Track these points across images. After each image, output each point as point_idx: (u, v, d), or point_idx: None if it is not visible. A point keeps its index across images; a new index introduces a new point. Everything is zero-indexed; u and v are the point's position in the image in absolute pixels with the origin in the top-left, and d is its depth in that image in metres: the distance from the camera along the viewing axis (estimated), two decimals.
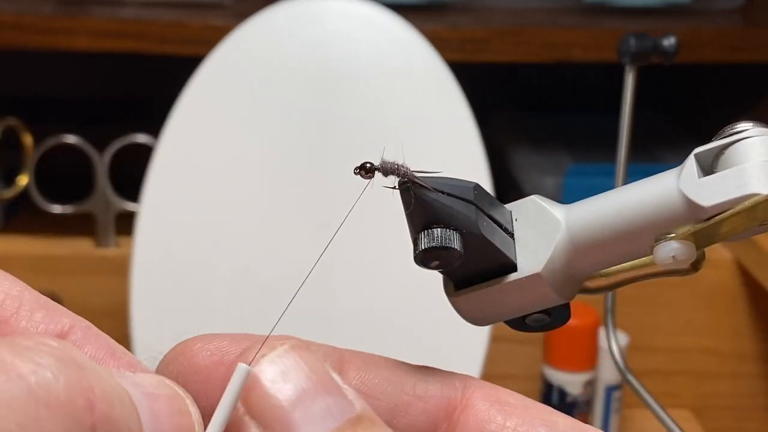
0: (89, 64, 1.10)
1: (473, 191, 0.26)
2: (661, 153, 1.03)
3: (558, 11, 0.99)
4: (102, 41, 0.90)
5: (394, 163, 0.26)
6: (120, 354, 0.25)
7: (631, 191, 0.26)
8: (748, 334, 0.97)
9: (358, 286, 0.78)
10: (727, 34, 0.95)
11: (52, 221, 0.97)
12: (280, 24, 0.81)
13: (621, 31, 0.67)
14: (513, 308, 0.28)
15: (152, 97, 0.90)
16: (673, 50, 0.57)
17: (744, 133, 0.25)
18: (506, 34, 0.92)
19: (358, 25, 0.82)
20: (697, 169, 0.25)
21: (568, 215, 0.27)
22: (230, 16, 0.90)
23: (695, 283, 0.96)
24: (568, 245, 0.26)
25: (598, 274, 0.28)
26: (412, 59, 0.82)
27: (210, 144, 0.81)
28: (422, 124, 0.81)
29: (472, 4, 0.99)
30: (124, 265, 0.81)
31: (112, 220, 0.95)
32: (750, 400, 0.98)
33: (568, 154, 1.03)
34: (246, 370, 0.24)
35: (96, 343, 0.25)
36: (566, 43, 0.92)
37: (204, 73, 0.80)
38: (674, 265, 0.26)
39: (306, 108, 0.81)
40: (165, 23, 0.90)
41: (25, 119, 0.94)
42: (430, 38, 0.82)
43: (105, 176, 0.94)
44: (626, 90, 0.58)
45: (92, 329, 0.25)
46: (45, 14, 0.90)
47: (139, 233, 0.80)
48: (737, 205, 0.24)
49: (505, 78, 1.14)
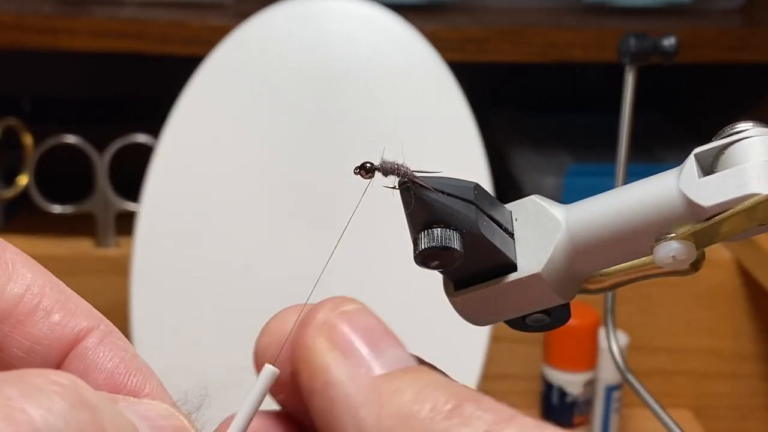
0: (89, 64, 1.10)
1: (473, 191, 0.26)
2: (661, 153, 1.03)
3: (558, 11, 0.99)
4: (102, 41, 0.90)
5: (394, 163, 0.26)
6: (132, 366, 0.25)
7: (631, 191, 0.26)
8: (748, 334, 0.97)
9: (358, 286, 0.78)
10: (727, 34, 0.95)
11: (52, 221, 0.97)
12: (280, 24, 0.81)
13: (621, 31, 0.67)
14: (513, 308, 0.28)
15: (152, 97, 0.90)
16: (673, 50, 0.57)
17: (744, 133, 0.25)
18: (506, 34, 0.92)
19: (358, 25, 0.82)
20: (697, 169, 0.25)
21: (568, 215, 0.27)
22: (230, 16, 0.90)
23: (695, 283, 0.96)
24: (568, 245, 0.26)
25: (598, 274, 0.28)
26: (412, 59, 0.82)
27: (210, 144, 0.81)
28: (422, 124, 0.81)
29: (472, 4, 0.99)
30: (124, 265, 0.81)
31: (112, 220, 0.95)
32: (750, 400, 0.98)
33: (568, 154, 1.03)
34: (272, 371, 0.24)
35: (111, 352, 0.25)
36: (566, 43, 0.92)
37: (204, 73, 0.80)
38: (674, 265, 0.26)
39: (306, 108, 0.81)
40: (165, 23, 0.90)
41: (25, 119, 0.94)
42: (430, 38, 0.82)
43: (105, 176, 0.94)
44: (626, 90, 0.58)
45: (112, 335, 0.25)
46: (45, 14, 0.90)
47: (139, 233, 0.80)
48: (737, 205, 0.24)
49: (505, 78, 1.14)
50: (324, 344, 0.23)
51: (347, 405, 0.22)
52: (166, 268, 0.80)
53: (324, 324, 0.24)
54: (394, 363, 0.23)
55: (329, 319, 0.24)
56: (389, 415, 0.22)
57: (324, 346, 0.23)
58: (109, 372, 0.25)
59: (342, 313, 0.24)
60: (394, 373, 0.23)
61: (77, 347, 0.25)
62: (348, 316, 0.24)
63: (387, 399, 0.22)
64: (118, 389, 0.24)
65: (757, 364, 0.97)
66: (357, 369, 0.23)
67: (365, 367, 0.23)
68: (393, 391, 0.22)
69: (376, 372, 0.23)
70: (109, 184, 0.94)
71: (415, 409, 0.22)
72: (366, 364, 0.23)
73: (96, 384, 0.24)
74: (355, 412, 0.22)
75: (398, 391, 0.22)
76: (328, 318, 0.24)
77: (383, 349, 0.23)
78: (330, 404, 0.23)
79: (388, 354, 0.23)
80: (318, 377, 0.23)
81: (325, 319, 0.24)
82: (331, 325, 0.24)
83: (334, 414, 0.23)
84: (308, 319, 0.24)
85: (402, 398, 0.22)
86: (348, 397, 0.23)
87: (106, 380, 0.24)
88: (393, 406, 0.22)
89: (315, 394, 0.23)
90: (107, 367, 0.25)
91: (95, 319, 0.25)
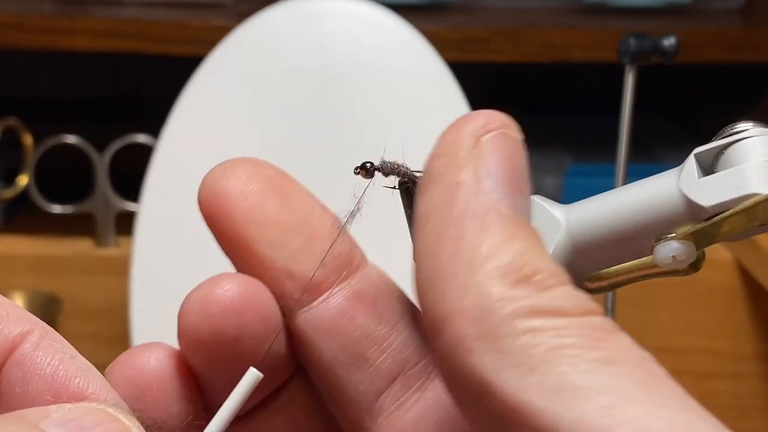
0: (89, 64, 1.10)
1: None
2: (661, 153, 1.03)
3: (558, 11, 0.99)
4: (102, 41, 0.90)
5: (394, 163, 0.26)
6: (74, 367, 0.24)
7: (631, 191, 0.26)
8: (748, 334, 0.97)
9: None
10: (727, 34, 0.95)
11: (52, 221, 0.97)
12: (280, 24, 0.81)
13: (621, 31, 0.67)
14: None
15: (152, 97, 0.90)
16: (673, 50, 0.57)
17: (744, 133, 0.25)
18: (506, 34, 0.92)
19: (358, 25, 0.82)
20: (697, 169, 0.25)
21: (568, 215, 0.27)
22: (230, 16, 0.90)
23: (695, 283, 0.96)
24: (568, 245, 0.26)
25: (598, 274, 0.28)
26: (412, 59, 0.82)
27: (210, 144, 0.81)
28: (422, 124, 0.81)
29: (472, 4, 0.99)
30: (124, 265, 0.81)
31: (112, 220, 0.95)
32: (750, 400, 0.98)
33: (568, 154, 1.03)
34: (256, 375, 0.24)
35: (49, 355, 0.24)
36: (566, 43, 0.92)
37: (204, 73, 0.80)
38: (674, 265, 0.26)
39: (306, 108, 0.81)
40: (165, 23, 0.90)
41: (25, 119, 0.94)
42: (430, 38, 0.82)
43: (105, 176, 0.94)
44: (626, 90, 0.58)
45: (49, 336, 0.24)
46: (45, 14, 0.90)
47: (139, 233, 0.80)
48: (737, 205, 0.24)
49: (505, 78, 1.14)
50: (478, 148, 0.23)
51: (466, 213, 0.22)
52: (166, 268, 0.80)
53: (487, 127, 0.24)
54: (524, 213, 0.23)
55: (494, 130, 0.24)
56: (490, 245, 0.22)
57: (478, 149, 0.23)
58: (49, 377, 0.23)
59: (507, 134, 0.24)
60: (519, 219, 0.23)
61: (13, 355, 0.24)
62: (509, 141, 0.24)
63: (499, 228, 0.22)
64: (60, 393, 0.23)
65: (757, 364, 0.97)
66: (491, 192, 0.23)
67: (498, 196, 0.23)
68: (509, 229, 0.22)
69: (503, 209, 0.23)
70: (109, 184, 0.94)
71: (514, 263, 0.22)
72: (502, 194, 0.23)
73: (37, 390, 0.23)
74: (466, 224, 0.22)
75: (514, 236, 0.22)
76: (493, 128, 0.24)
77: (523, 192, 0.23)
78: (447, 204, 0.23)
79: (525, 200, 0.23)
80: (455, 173, 0.23)
81: (490, 124, 0.24)
82: (494, 137, 0.23)
83: (445, 214, 0.23)
84: (477, 113, 0.24)
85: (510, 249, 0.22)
86: (469, 207, 0.23)
87: (47, 386, 0.23)
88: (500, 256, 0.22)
89: (438, 186, 0.23)
90: (47, 372, 0.23)
91: (29, 323, 0.24)
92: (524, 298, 0.21)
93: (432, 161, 0.24)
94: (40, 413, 0.22)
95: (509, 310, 0.21)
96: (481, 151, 0.23)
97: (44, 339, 0.24)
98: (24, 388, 0.23)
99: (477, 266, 0.22)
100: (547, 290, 0.22)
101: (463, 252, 0.22)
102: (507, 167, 0.23)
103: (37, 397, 0.23)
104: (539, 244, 0.23)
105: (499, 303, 0.21)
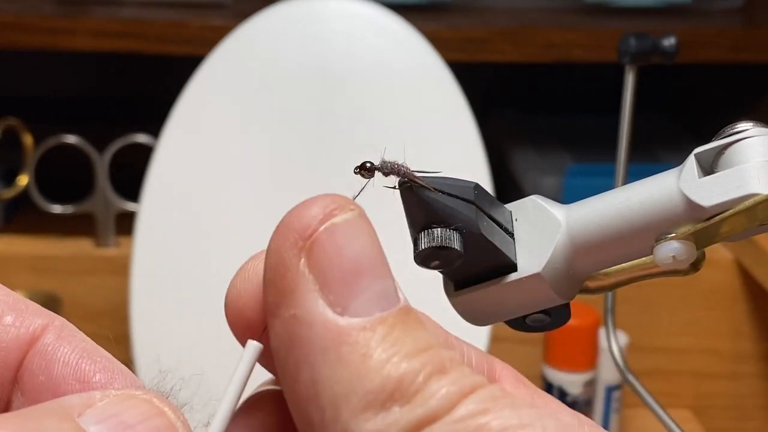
0: (89, 64, 1.10)
1: (473, 191, 0.26)
2: (661, 153, 1.03)
3: (558, 11, 0.99)
4: (102, 41, 0.90)
5: (394, 163, 0.26)
6: (96, 356, 0.24)
7: (631, 191, 0.26)
8: (748, 334, 0.97)
9: None
10: (727, 34, 0.95)
11: (52, 221, 0.97)
12: (280, 24, 0.81)
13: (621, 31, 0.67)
14: (513, 308, 0.28)
15: (152, 97, 0.90)
16: (673, 50, 0.57)
17: (744, 133, 0.25)
18: (506, 34, 0.92)
19: (358, 25, 0.82)
20: (697, 169, 0.25)
21: (568, 215, 0.27)
22: (230, 16, 0.90)
23: (695, 283, 0.96)
24: (568, 245, 0.26)
25: (598, 274, 0.28)
26: (412, 59, 0.82)
27: (210, 144, 0.81)
28: (422, 124, 0.81)
29: (472, 4, 0.99)
30: (124, 265, 0.81)
31: (112, 220, 0.95)
32: (750, 400, 0.98)
33: (568, 154, 1.03)
34: (256, 346, 0.23)
35: (70, 345, 0.24)
36: (566, 43, 0.92)
37: (204, 73, 0.80)
38: (674, 265, 0.26)
39: (306, 108, 0.81)
40: (165, 23, 0.90)
41: (25, 119, 0.94)
42: (430, 38, 0.82)
43: (105, 176, 0.94)
44: (626, 90, 0.58)
45: (67, 329, 0.24)
46: (45, 14, 0.90)
47: (139, 233, 0.80)
48: (737, 205, 0.24)
49: (505, 78, 1.14)
50: (302, 265, 0.22)
51: (310, 349, 0.21)
52: (166, 268, 0.80)
53: (306, 233, 0.22)
54: (374, 306, 0.21)
55: (315, 232, 0.22)
56: (345, 379, 0.21)
57: (302, 266, 0.22)
58: (74, 363, 0.24)
59: (331, 228, 0.22)
60: (367, 324, 0.21)
61: (36, 345, 0.24)
62: (336, 232, 0.22)
63: (347, 355, 0.21)
64: (87, 379, 0.24)
65: (757, 364, 0.97)
66: (328, 310, 0.21)
67: (341, 306, 0.21)
68: (359, 349, 0.21)
69: (347, 318, 0.21)
70: (109, 184, 0.94)
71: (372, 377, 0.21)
72: (342, 303, 0.21)
73: (63, 376, 0.24)
74: (313, 360, 0.21)
75: (366, 354, 0.21)
76: (314, 229, 0.22)
77: (365, 286, 0.22)
78: (290, 341, 0.21)
79: (369, 292, 0.21)
80: (287, 304, 0.22)
81: (310, 227, 0.22)
82: (315, 241, 0.22)
83: (293, 352, 0.21)
84: (294, 217, 0.22)
85: (367, 362, 0.21)
86: (311, 341, 0.21)
87: (73, 372, 0.24)
88: (352, 364, 0.21)
89: (278, 320, 0.22)
90: (71, 359, 0.24)
91: (48, 316, 0.24)
92: (396, 423, 0.21)
93: (264, 291, 0.23)
94: (83, 401, 0.21)
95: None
96: (309, 265, 0.22)
97: (64, 330, 0.24)
98: (48, 375, 0.23)
99: (341, 406, 0.21)
100: (414, 397, 0.21)
101: (322, 395, 0.21)
102: (341, 267, 0.22)
103: (63, 383, 0.23)
104: (401, 330, 0.22)
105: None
